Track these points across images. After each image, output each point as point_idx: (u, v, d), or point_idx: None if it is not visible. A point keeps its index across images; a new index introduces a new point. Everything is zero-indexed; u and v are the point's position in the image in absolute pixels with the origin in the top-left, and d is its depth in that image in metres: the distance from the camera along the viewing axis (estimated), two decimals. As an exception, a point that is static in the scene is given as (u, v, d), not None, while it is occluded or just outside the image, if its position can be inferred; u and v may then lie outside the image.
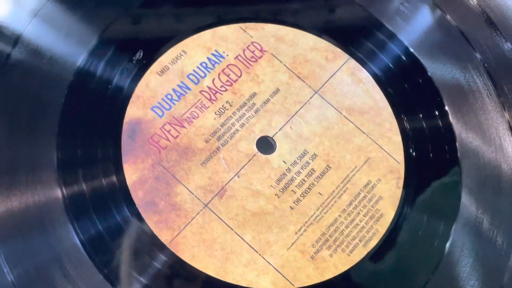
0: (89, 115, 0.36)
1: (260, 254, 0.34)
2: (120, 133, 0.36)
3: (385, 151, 0.38)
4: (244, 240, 0.35)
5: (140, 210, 0.34)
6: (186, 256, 0.34)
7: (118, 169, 0.35)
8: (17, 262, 0.32)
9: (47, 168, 0.34)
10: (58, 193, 0.34)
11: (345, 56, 0.40)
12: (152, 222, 0.34)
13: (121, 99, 0.36)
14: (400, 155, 0.38)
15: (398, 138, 0.38)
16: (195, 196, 0.35)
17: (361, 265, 0.35)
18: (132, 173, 0.35)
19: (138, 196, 0.35)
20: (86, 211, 0.34)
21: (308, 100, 0.39)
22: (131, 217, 0.34)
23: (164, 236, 0.34)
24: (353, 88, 0.39)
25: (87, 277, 0.33)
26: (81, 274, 0.33)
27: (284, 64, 0.39)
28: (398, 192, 0.37)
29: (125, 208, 0.34)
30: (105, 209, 0.34)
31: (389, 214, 0.37)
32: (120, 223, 0.34)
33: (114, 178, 0.35)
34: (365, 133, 0.38)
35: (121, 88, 0.37)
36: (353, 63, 0.40)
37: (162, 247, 0.34)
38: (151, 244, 0.34)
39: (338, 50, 0.40)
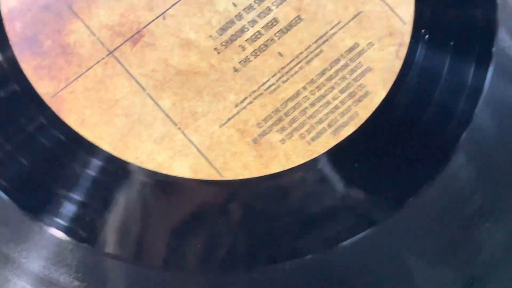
0: None
1: (179, 128, 0.27)
2: None
3: (386, 4, 0.29)
4: (159, 106, 0.27)
5: (15, 49, 0.27)
6: (71, 119, 0.26)
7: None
8: None
9: None
10: None
11: None
12: (29, 67, 0.26)
13: None
14: (408, 13, 0.29)
15: (408, -13, 0.29)
16: (97, 38, 0.27)
17: (324, 159, 0.26)
18: (8, -5, 0.27)
19: (14, 28, 0.27)
20: None
21: None
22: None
23: (43, 88, 0.26)
24: None
25: None
26: None
27: None
28: (397, 64, 0.28)
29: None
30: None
31: (378, 93, 0.27)
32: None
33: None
34: (361, -25, 0.29)
35: None
36: None
37: (38, 102, 0.26)
38: (22, 96, 0.26)
39: None
